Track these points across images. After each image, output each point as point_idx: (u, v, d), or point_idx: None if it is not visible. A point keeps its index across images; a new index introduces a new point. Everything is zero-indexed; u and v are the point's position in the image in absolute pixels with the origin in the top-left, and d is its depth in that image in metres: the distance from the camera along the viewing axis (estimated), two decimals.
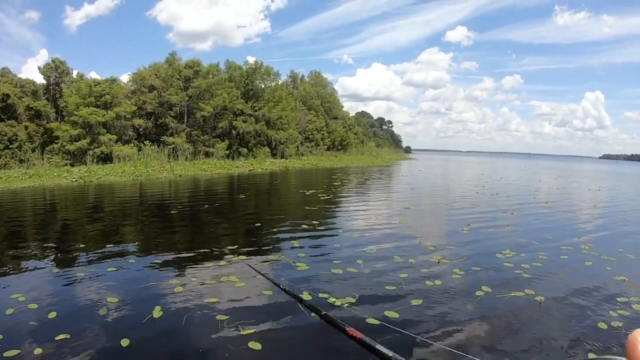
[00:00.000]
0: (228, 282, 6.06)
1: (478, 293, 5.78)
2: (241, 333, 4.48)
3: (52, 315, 4.87)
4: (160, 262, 7.20)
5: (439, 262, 7.28)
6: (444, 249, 8.36)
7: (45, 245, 8.47)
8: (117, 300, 5.35)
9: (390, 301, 5.45)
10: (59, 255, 7.74)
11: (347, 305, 5.26)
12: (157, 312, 4.96)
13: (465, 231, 10.29)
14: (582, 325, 4.92)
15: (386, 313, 5.01)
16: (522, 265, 7.22)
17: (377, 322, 4.74)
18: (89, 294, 5.66)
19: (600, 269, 7.33)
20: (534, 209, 15.02)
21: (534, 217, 13.28)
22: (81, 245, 8.29)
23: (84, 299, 5.52)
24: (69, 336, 4.34)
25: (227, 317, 4.83)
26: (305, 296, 5.43)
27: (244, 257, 7.43)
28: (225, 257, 7.40)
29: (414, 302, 5.41)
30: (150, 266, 6.96)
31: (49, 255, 7.59)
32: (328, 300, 5.36)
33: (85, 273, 6.54)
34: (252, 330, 4.52)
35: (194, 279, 6.25)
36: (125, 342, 4.23)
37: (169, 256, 7.66)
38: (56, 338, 4.30)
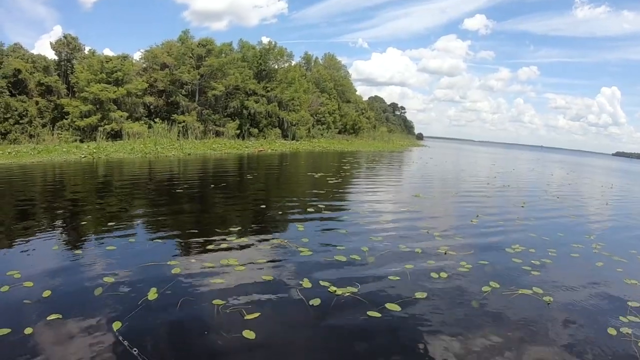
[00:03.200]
0: (228, 266, 5.91)
1: (485, 289, 5.56)
2: (236, 320, 4.34)
3: (47, 294, 4.78)
4: (160, 241, 7.07)
5: (445, 254, 7.07)
6: (452, 240, 8.11)
7: (46, 221, 8.39)
8: (113, 280, 5.25)
9: (393, 293, 5.26)
10: (60, 232, 7.64)
11: (347, 294, 5.08)
12: (152, 295, 4.84)
13: (474, 222, 10.03)
14: (591, 331, 4.70)
15: (387, 305, 4.82)
16: (532, 261, 6.98)
17: (377, 314, 4.56)
18: (86, 273, 5.57)
19: (611, 270, 7.05)
20: (545, 203, 14.67)
21: (545, 211, 12.93)
22: (83, 223, 8.21)
23: (81, 278, 5.43)
24: (61, 316, 4.28)
25: (224, 302, 4.70)
26: (305, 284, 5.29)
27: (246, 239, 7.29)
28: (228, 238, 7.26)
29: (418, 295, 5.22)
30: (150, 246, 6.84)
31: (50, 232, 7.50)
32: (329, 289, 5.19)
33: (84, 251, 6.48)
34: (248, 318, 4.38)
35: (193, 260, 6.12)
36: (116, 325, 4.14)
37: (170, 236, 7.55)
38: (48, 318, 4.23)
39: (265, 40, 43.59)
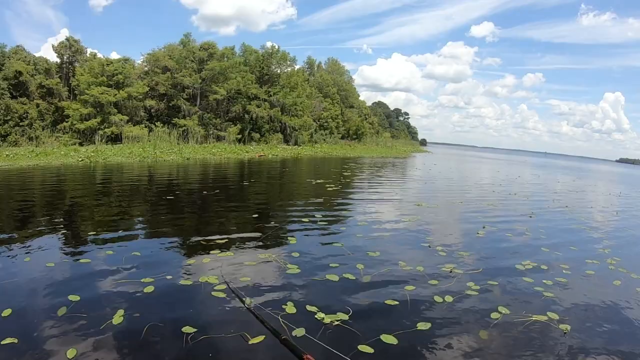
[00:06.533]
0: (206, 285, 5.34)
1: (494, 315, 4.93)
2: (204, 352, 3.78)
3: (7, 312, 4.32)
4: (138, 255, 6.46)
5: (451, 272, 6.45)
6: (457, 255, 7.48)
7: (23, 231, 7.82)
8: (79, 299, 4.72)
9: (390, 321, 4.63)
10: (35, 243, 7.02)
11: (337, 323, 4.47)
12: (117, 318, 4.30)
13: (480, 235, 9.41)
14: None
15: (383, 337, 4.19)
16: (544, 281, 6.35)
17: (369, 350, 3.95)
18: (53, 289, 5.06)
19: (630, 290, 6.43)
20: (554, 213, 14.05)
21: (555, 222, 12.32)
22: (63, 232, 7.69)
23: (46, 295, 4.92)
24: (16, 341, 3.82)
25: (194, 329, 4.12)
26: (289, 309, 4.70)
27: (231, 253, 6.72)
28: (211, 252, 6.71)
29: (420, 326, 4.55)
30: (127, 260, 6.20)
31: (24, 243, 6.91)
32: (316, 316, 4.58)
33: (56, 264, 5.96)
34: (220, 348, 3.84)
35: (169, 277, 5.55)
36: (71, 353, 3.64)
37: (149, 249, 6.93)
38: (2, 342, 3.77)
39: (268, 44, 43.37)
